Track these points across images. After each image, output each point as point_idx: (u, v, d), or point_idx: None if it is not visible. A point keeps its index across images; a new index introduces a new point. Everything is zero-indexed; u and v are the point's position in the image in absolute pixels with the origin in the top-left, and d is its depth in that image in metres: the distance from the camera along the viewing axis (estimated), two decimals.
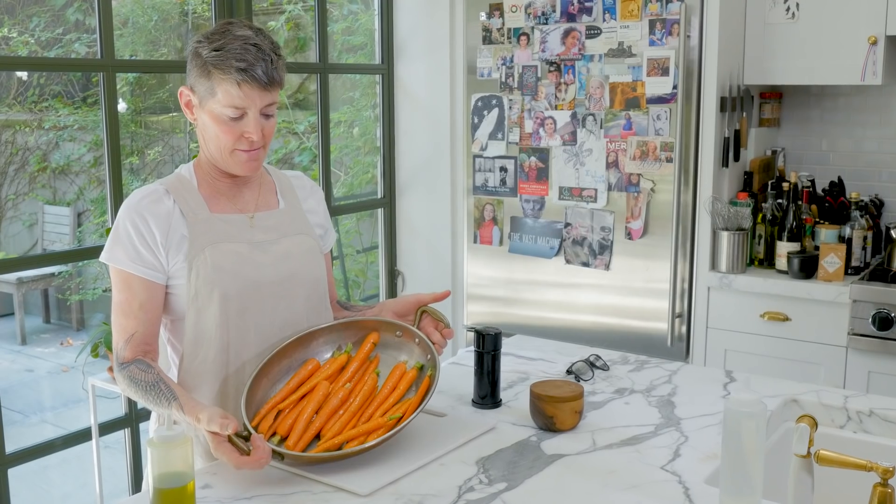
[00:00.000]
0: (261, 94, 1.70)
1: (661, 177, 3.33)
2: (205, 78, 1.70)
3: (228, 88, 1.68)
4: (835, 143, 3.70)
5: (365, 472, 1.57)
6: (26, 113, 6.73)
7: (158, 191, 1.76)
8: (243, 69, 1.67)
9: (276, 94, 1.75)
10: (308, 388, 1.72)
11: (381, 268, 4.27)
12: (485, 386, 1.93)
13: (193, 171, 1.83)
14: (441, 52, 3.95)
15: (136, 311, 1.72)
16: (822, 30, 3.27)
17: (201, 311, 1.74)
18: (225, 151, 1.74)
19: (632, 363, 2.25)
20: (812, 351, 3.16)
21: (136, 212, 1.73)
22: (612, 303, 3.50)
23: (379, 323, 1.86)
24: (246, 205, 1.85)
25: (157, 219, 1.73)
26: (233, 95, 1.68)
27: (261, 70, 1.68)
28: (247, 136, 1.72)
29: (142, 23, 6.04)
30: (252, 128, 1.72)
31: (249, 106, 1.70)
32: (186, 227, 1.74)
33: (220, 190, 1.82)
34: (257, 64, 1.68)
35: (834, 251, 3.15)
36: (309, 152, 5.21)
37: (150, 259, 1.72)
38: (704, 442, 1.74)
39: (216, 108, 1.70)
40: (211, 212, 1.78)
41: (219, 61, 1.68)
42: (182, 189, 1.78)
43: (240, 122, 1.71)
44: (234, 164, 1.76)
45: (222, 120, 1.71)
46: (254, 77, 1.68)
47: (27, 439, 4.77)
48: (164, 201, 1.75)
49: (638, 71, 3.33)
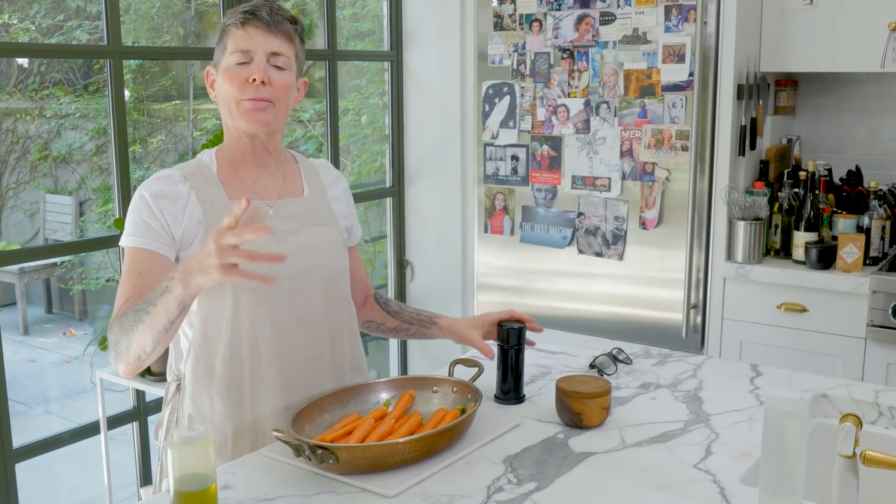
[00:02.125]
0: (265, 36, 1.70)
1: (676, 165, 3.28)
2: (220, 40, 1.73)
3: (233, 31, 1.70)
4: (851, 132, 3.65)
5: (390, 472, 1.52)
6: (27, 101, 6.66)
7: (174, 176, 1.72)
8: (247, 11, 1.70)
9: (283, 43, 1.73)
10: (352, 427, 1.66)
11: (390, 257, 4.22)
12: (509, 381, 1.88)
13: (214, 157, 1.78)
14: (451, 39, 3.89)
15: (134, 279, 1.65)
16: (840, 16, 3.21)
17: (213, 303, 1.68)
18: (233, 103, 1.71)
19: (654, 357, 2.21)
20: (830, 342, 3.12)
21: (150, 192, 1.69)
22: (626, 293, 3.45)
23: (413, 380, 1.84)
24: (267, 192, 1.79)
25: (170, 200, 1.69)
26: (237, 37, 1.70)
27: (264, 12, 1.71)
28: (251, 80, 1.69)
29: (144, 9, 5.97)
30: (257, 69, 1.69)
31: (255, 49, 1.69)
32: (203, 213, 1.69)
33: (241, 175, 1.77)
34: (262, 8, 1.71)
35: (853, 241, 3.10)
36: (315, 140, 5.15)
37: (158, 231, 1.67)
38: (736, 439, 1.69)
39: (226, 60, 1.71)
40: (229, 199, 1.72)
41: (230, 15, 1.72)
42: (200, 175, 1.73)
43: (245, 68, 1.70)
44: (240, 117, 1.72)
45: (229, 69, 1.71)
46: (256, 16, 1.69)
47: (32, 431, 4.75)
48: (179, 186, 1.71)
49: (653, 58, 3.27)
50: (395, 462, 1.52)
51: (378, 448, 1.51)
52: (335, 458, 1.46)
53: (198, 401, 1.72)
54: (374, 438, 1.60)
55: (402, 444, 1.51)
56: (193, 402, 1.73)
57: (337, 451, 1.47)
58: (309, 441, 1.47)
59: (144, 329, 1.55)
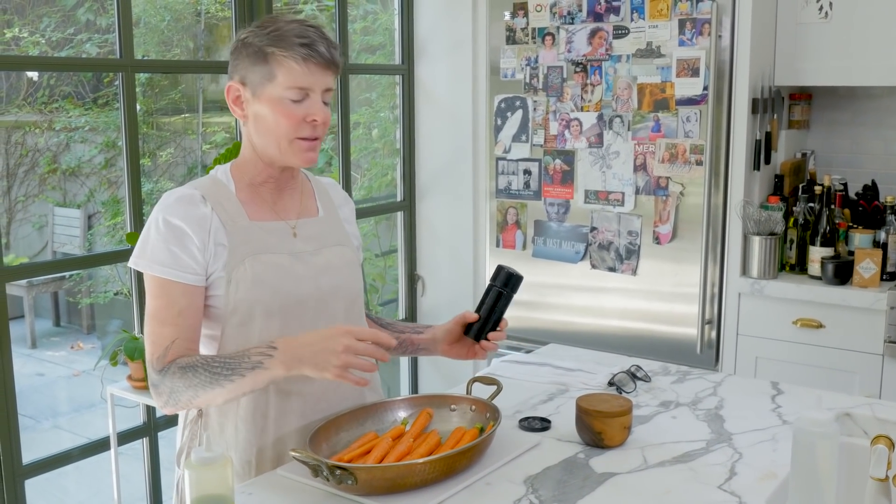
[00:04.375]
0: (323, 74, 1.62)
1: (690, 180, 3.25)
2: (261, 63, 1.61)
3: (291, 66, 1.60)
4: (865, 146, 3.62)
5: (409, 493, 1.49)
6: (36, 114, 6.67)
7: (194, 196, 1.64)
8: (307, 44, 1.60)
9: (334, 79, 1.66)
10: (370, 447, 1.62)
11: (401, 272, 4.20)
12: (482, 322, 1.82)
13: (230, 175, 1.71)
14: (463, 53, 3.88)
15: (175, 318, 1.60)
16: (855, 30, 3.19)
17: (241, 327, 1.64)
18: (284, 140, 1.63)
19: (673, 374, 2.18)
20: (847, 359, 3.08)
21: (172, 213, 1.61)
22: (640, 308, 3.42)
23: (431, 398, 1.81)
24: (287, 212, 1.74)
25: (194, 223, 1.61)
26: (296, 73, 1.60)
27: (323, 47, 1.62)
28: (310, 120, 1.62)
29: (154, 23, 5.97)
30: (317, 109, 1.62)
31: (313, 86, 1.62)
32: (226, 235, 1.63)
33: (261, 195, 1.71)
34: (319, 41, 1.62)
35: (870, 256, 3.06)
36: (324, 154, 5.13)
37: (188, 261, 1.60)
38: (759, 459, 1.66)
39: (276, 91, 1.61)
40: (250, 219, 1.67)
41: (278, 40, 1.60)
42: (218, 194, 1.66)
43: (301, 105, 1.62)
44: (293, 155, 1.65)
45: (283, 103, 1.61)
46: (318, 52, 1.61)
47: (40, 445, 4.72)
48: (202, 208, 1.63)
49: (667, 72, 3.25)
50: (414, 483, 1.49)
51: (397, 469, 1.48)
52: (354, 478, 1.43)
53: (223, 427, 1.69)
54: (392, 458, 1.57)
55: (422, 464, 1.49)
56: (219, 429, 1.69)
57: (356, 472, 1.44)
58: (327, 461, 1.44)
59: (221, 392, 1.55)
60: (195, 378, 1.55)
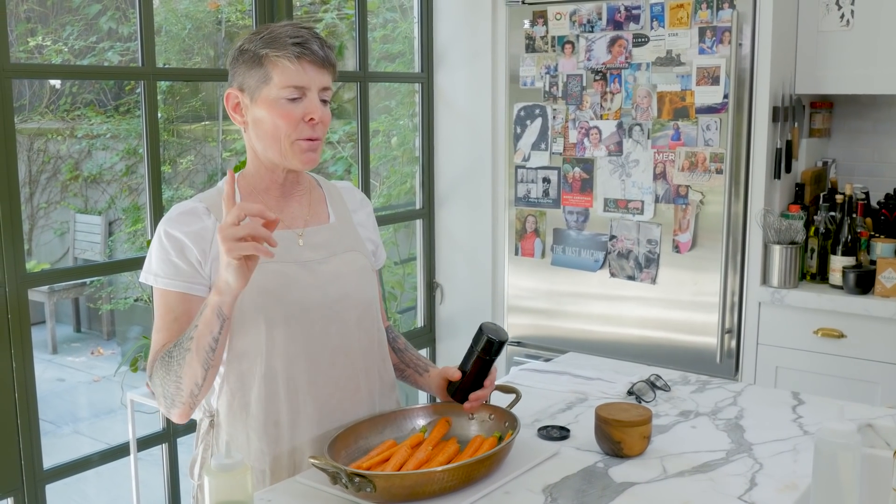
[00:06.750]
0: (318, 73, 1.64)
1: (710, 188, 3.24)
2: (256, 67, 1.63)
3: (286, 65, 1.61)
4: (887, 154, 3.59)
5: (427, 500, 1.49)
6: (59, 121, 6.73)
7: (197, 209, 1.67)
8: (299, 44, 1.62)
9: (330, 78, 1.67)
10: (389, 455, 1.63)
11: (420, 280, 4.20)
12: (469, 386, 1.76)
13: (237, 185, 1.72)
14: (482, 61, 3.88)
15: (170, 325, 1.63)
16: (877, 38, 3.18)
17: (245, 336, 1.64)
18: (285, 142, 1.64)
19: (693, 383, 2.17)
20: (869, 369, 3.06)
21: (174, 227, 1.64)
22: (659, 317, 3.41)
23: (450, 407, 1.79)
24: (294, 220, 1.74)
25: (194, 235, 1.63)
26: (290, 72, 1.61)
27: (316, 46, 1.63)
28: (308, 119, 1.63)
29: (175, 31, 6.02)
30: (314, 108, 1.63)
31: (309, 84, 1.63)
32: None
33: (266, 203, 1.71)
34: (312, 40, 1.63)
35: (892, 266, 3.04)
36: (343, 161, 5.15)
37: (188, 271, 1.63)
38: (780, 470, 1.65)
39: (273, 92, 1.62)
40: None
41: (272, 42, 1.62)
42: (223, 205, 1.66)
43: (299, 105, 1.63)
44: (294, 157, 1.66)
45: (280, 104, 1.62)
46: (311, 51, 1.62)
47: (60, 450, 4.75)
48: (205, 220, 1.65)
49: (687, 80, 3.24)
50: (432, 491, 1.49)
51: (416, 476, 1.48)
52: (373, 486, 1.44)
53: (234, 438, 1.69)
54: (411, 466, 1.57)
55: (441, 472, 1.49)
56: (230, 440, 1.69)
57: (375, 480, 1.44)
58: (347, 469, 1.44)
59: (192, 358, 1.54)
60: (169, 361, 1.57)
